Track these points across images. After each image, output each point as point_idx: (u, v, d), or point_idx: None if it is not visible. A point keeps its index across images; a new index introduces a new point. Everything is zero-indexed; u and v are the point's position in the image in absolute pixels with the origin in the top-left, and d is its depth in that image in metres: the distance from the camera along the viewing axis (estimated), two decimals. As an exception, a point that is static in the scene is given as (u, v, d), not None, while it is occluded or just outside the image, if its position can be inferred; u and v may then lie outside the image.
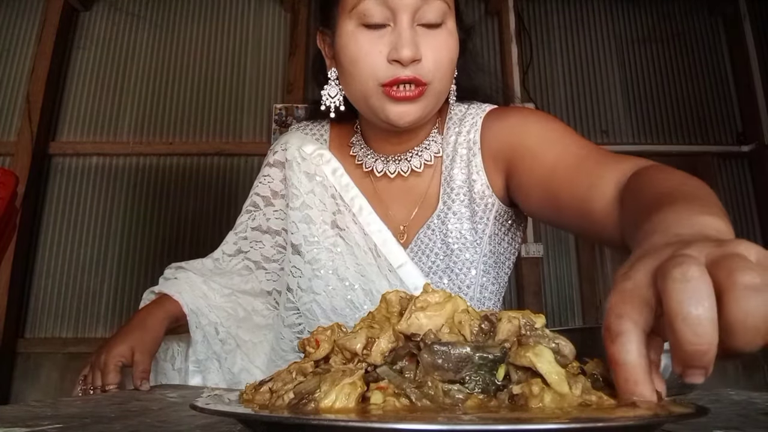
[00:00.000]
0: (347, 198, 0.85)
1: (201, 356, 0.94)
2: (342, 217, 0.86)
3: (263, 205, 0.96)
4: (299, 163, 0.89)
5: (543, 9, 3.42)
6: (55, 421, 0.44)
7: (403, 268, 0.80)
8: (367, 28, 0.74)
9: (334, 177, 0.87)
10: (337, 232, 0.86)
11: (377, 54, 0.73)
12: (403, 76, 0.72)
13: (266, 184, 0.96)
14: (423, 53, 0.73)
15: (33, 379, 2.83)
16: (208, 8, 3.35)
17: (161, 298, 0.94)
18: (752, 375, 2.91)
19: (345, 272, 0.84)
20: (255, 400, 0.43)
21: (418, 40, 0.73)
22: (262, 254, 0.97)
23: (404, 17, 0.73)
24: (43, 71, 3.01)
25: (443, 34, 0.75)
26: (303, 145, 0.90)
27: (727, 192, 3.16)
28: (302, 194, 0.88)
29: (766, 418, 0.45)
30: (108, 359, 0.81)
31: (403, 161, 0.86)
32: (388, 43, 0.73)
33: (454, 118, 0.88)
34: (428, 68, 0.74)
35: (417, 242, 0.84)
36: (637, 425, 0.32)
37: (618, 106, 3.27)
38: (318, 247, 0.86)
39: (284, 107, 3.12)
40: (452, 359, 0.38)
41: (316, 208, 0.87)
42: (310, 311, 0.86)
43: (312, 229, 0.87)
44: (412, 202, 0.86)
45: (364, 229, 0.83)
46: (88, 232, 3.02)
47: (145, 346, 0.85)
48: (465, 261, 0.82)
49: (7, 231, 1.58)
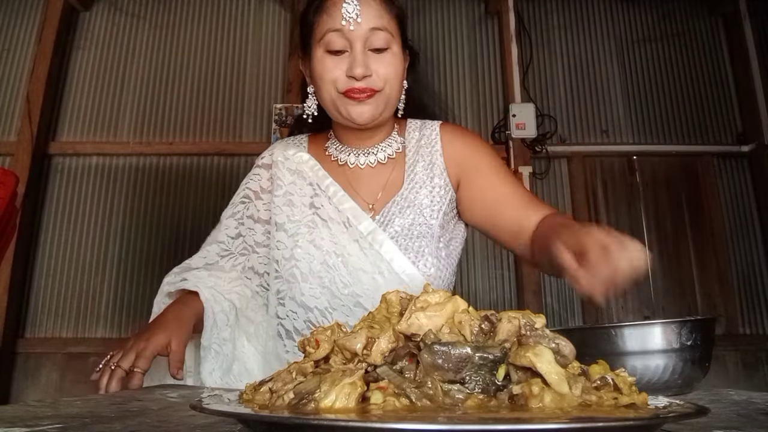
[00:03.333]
0: (323, 185, 1.06)
1: (205, 343, 0.98)
2: (318, 199, 1.06)
3: (254, 198, 1.14)
4: (283, 162, 1.11)
5: (543, 9, 3.42)
6: (55, 421, 0.44)
7: (372, 234, 1.00)
8: (331, 54, 0.98)
9: (312, 171, 1.08)
10: (314, 211, 1.05)
11: (339, 71, 0.97)
12: (357, 86, 0.96)
13: (256, 181, 1.15)
14: (373, 70, 0.97)
15: (33, 379, 2.83)
16: (208, 8, 3.35)
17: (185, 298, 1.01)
18: (752, 375, 2.91)
19: (321, 242, 1.02)
20: (255, 400, 0.43)
21: (369, 61, 0.97)
22: (255, 240, 1.12)
23: (357, 44, 0.97)
24: (43, 71, 3.01)
25: (388, 56, 0.99)
26: (286, 149, 1.13)
27: (727, 192, 3.16)
28: (285, 185, 1.09)
29: (766, 418, 0.45)
30: (148, 345, 0.87)
31: (370, 154, 1.08)
32: (346, 63, 0.97)
33: (412, 126, 1.13)
34: (377, 80, 0.97)
35: (383, 213, 1.04)
36: (637, 425, 0.32)
37: (618, 106, 3.27)
38: (298, 224, 1.05)
39: (284, 107, 3.12)
40: (452, 359, 0.38)
41: (296, 195, 1.08)
42: (292, 276, 1.02)
43: (293, 210, 1.07)
44: (379, 185, 1.07)
45: (337, 207, 1.03)
46: (88, 232, 3.02)
47: (182, 338, 0.92)
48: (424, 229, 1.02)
49: (7, 231, 1.58)
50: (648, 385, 0.66)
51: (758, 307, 3.02)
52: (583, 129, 3.24)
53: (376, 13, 0.98)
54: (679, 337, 0.67)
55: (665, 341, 0.67)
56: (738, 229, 3.11)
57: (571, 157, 3.17)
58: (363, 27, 0.96)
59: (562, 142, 3.19)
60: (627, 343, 0.67)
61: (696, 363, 0.68)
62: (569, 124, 3.24)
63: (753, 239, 3.10)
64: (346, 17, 0.96)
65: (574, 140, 3.20)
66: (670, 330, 0.67)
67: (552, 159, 3.15)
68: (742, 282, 3.04)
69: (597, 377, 0.40)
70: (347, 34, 0.96)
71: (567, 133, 3.22)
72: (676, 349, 0.66)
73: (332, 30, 0.97)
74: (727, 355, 2.91)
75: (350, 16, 0.96)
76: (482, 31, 3.38)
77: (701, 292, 3.01)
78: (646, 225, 3.07)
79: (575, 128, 3.24)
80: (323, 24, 0.98)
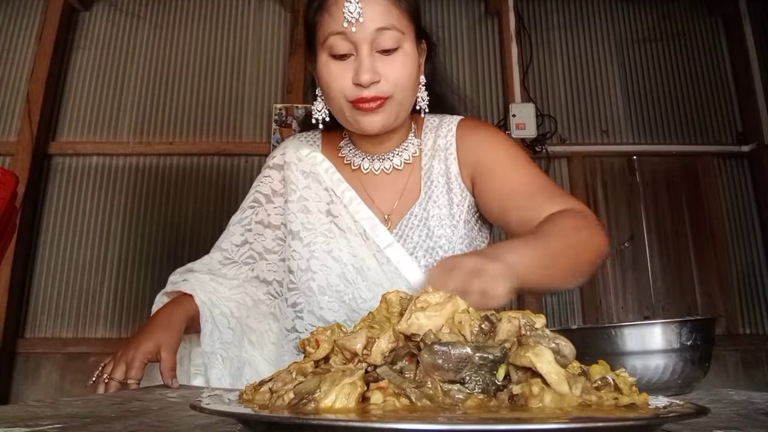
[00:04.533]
0: (338, 191, 0.99)
1: (208, 349, 0.96)
2: (335, 206, 0.99)
3: (265, 201, 1.08)
4: (296, 163, 1.04)
5: (543, 9, 3.42)
6: (55, 421, 0.44)
7: (390, 249, 0.95)
8: (335, 59, 0.90)
9: (326, 174, 1.01)
10: (331, 219, 0.99)
11: (344, 78, 0.89)
12: (365, 95, 0.88)
13: (267, 183, 1.08)
14: (382, 74, 0.88)
15: (33, 379, 2.83)
16: (208, 8, 3.35)
17: (179, 299, 0.98)
18: (752, 375, 2.91)
19: (339, 253, 0.97)
20: (255, 400, 0.43)
21: (377, 64, 0.88)
22: (264, 246, 1.07)
23: (363, 48, 0.87)
24: (43, 71, 3.01)
25: (399, 57, 0.90)
26: (299, 149, 1.06)
27: (727, 192, 3.16)
28: (299, 189, 1.02)
29: (766, 418, 0.45)
30: (136, 355, 0.85)
31: (386, 160, 1.01)
32: (352, 69, 0.88)
33: (430, 126, 1.04)
34: (387, 86, 0.89)
35: (401, 226, 0.97)
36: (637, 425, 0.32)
37: (618, 106, 3.27)
38: (314, 232, 0.99)
39: (284, 107, 3.12)
40: (452, 359, 0.38)
41: (312, 200, 1.01)
42: (309, 288, 0.97)
43: (309, 217, 1.00)
44: (395, 193, 1.00)
45: (353, 217, 0.97)
46: (88, 232, 3.02)
47: (171, 344, 0.89)
48: (444, 243, 0.96)
49: (7, 231, 1.58)
50: (648, 385, 0.66)
51: (758, 307, 3.02)
52: (583, 129, 3.24)
53: (382, 10, 0.88)
54: (679, 337, 0.67)
55: (665, 341, 0.67)
56: (738, 229, 3.11)
57: (571, 157, 3.17)
58: (368, 27, 0.87)
59: (562, 142, 3.19)
60: (627, 343, 0.67)
61: (696, 363, 0.68)
62: (569, 124, 3.24)
63: (753, 239, 3.10)
64: (348, 18, 0.86)
65: (574, 140, 3.20)
66: (670, 330, 0.67)
67: (552, 159, 3.15)
68: (742, 282, 3.04)
69: (598, 377, 0.40)
70: (351, 36, 0.87)
71: (567, 133, 3.22)
72: (676, 349, 0.66)
73: (334, 33, 0.88)
74: (727, 355, 2.91)
75: (352, 16, 0.85)
76: (482, 31, 3.37)
77: (701, 292, 3.01)
78: (646, 225, 3.07)
79: (575, 128, 3.24)
80: (325, 26, 0.90)
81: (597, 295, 3.01)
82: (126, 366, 0.84)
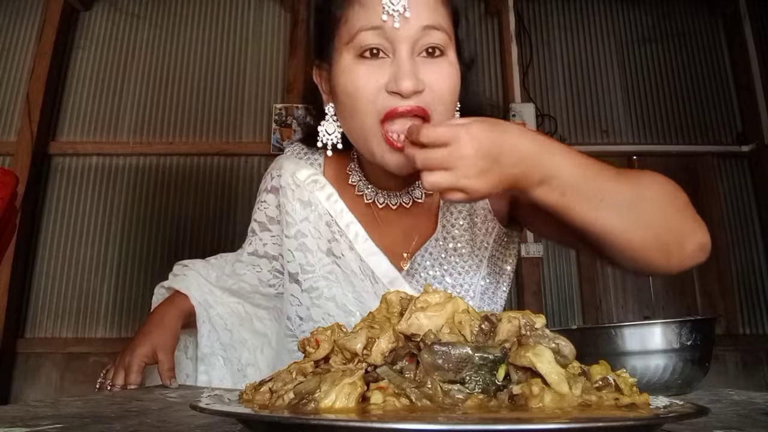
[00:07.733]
0: (342, 224, 0.85)
1: (206, 350, 0.95)
2: (337, 245, 0.85)
3: (259, 230, 0.97)
4: (293, 190, 0.89)
5: (543, 9, 3.42)
6: (55, 421, 0.44)
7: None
8: (366, 60, 0.72)
9: (328, 203, 0.86)
10: (333, 260, 0.86)
11: (375, 84, 0.71)
12: (402, 108, 0.70)
13: (262, 210, 0.95)
14: (426, 83, 0.71)
15: (33, 379, 2.83)
16: (208, 8, 3.35)
17: (173, 296, 0.97)
18: (752, 375, 2.91)
19: (343, 299, 0.84)
20: (255, 400, 0.43)
21: (418, 69, 0.71)
22: (260, 278, 0.99)
23: (404, 48, 0.71)
24: (43, 71, 3.01)
25: (444, 65, 0.74)
26: (297, 171, 0.89)
27: (727, 192, 3.16)
28: (297, 222, 0.88)
29: (766, 418, 0.45)
30: (132, 360, 0.85)
31: (404, 194, 0.85)
32: (387, 74, 0.71)
33: None
34: (430, 99, 0.71)
35: (414, 266, 0.84)
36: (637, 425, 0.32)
37: (618, 106, 3.27)
38: (314, 275, 0.86)
39: (284, 107, 3.12)
40: (452, 359, 0.38)
41: (311, 236, 0.87)
42: None
43: (308, 257, 0.87)
44: (413, 228, 0.86)
45: (360, 256, 0.83)
46: (88, 232, 3.02)
47: (167, 345, 0.88)
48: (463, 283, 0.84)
49: (7, 231, 1.58)
50: (648, 385, 0.66)
51: (758, 307, 3.02)
52: (583, 129, 3.24)
53: (430, 5, 0.73)
54: (679, 337, 0.67)
55: (665, 341, 0.67)
56: (738, 229, 3.11)
57: (571, 157, 3.16)
58: (413, 24, 0.71)
59: (562, 142, 3.18)
60: (627, 343, 0.67)
61: (696, 363, 0.68)
62: (569, 124, 3.24)
63: (753, 239, 3.10)
64: (389, 10, 0.70)
65: (574, 140, 3.20)
66: (670, 330, 0.67)
67: (552, 159, 3.14)
68: (742, 282, 3.04)
69: (599, 377, 0.40)
70: (390, 33, 0.71)
71: (567, 133, 3.22)
72: (676, 349, 0.66)
73: (368, 28, 0.71)
74: (727, 355, 2.91)
75: (395, 9, 0.70)
76: (482, 31, 3.37)
77: (701, 292, 3.01)
78: (646, 225, 3.07)
79: (575, 128, 3.24)
80: (355, 19, 0.73)
81: (597, 295, 3.01)
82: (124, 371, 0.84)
